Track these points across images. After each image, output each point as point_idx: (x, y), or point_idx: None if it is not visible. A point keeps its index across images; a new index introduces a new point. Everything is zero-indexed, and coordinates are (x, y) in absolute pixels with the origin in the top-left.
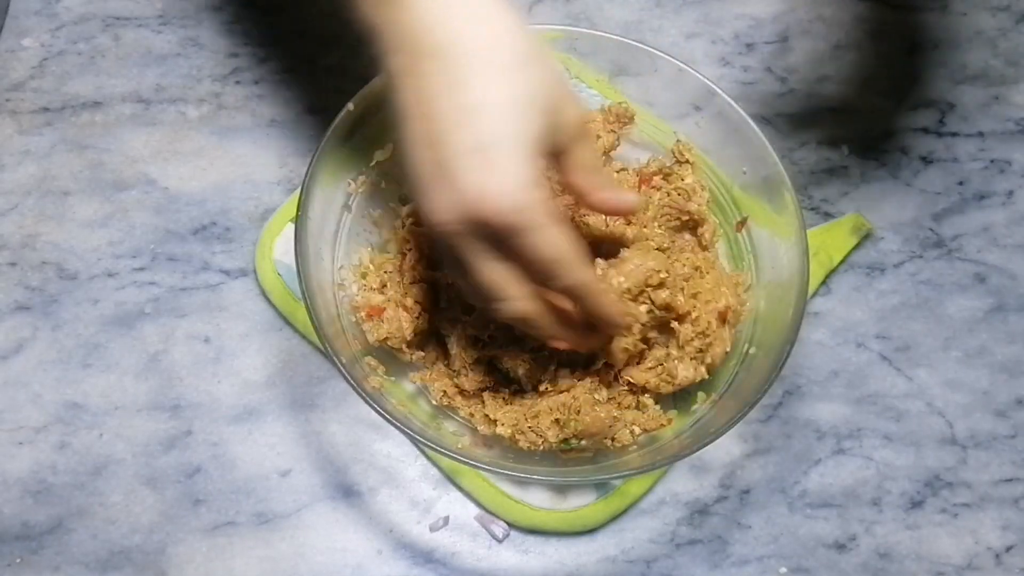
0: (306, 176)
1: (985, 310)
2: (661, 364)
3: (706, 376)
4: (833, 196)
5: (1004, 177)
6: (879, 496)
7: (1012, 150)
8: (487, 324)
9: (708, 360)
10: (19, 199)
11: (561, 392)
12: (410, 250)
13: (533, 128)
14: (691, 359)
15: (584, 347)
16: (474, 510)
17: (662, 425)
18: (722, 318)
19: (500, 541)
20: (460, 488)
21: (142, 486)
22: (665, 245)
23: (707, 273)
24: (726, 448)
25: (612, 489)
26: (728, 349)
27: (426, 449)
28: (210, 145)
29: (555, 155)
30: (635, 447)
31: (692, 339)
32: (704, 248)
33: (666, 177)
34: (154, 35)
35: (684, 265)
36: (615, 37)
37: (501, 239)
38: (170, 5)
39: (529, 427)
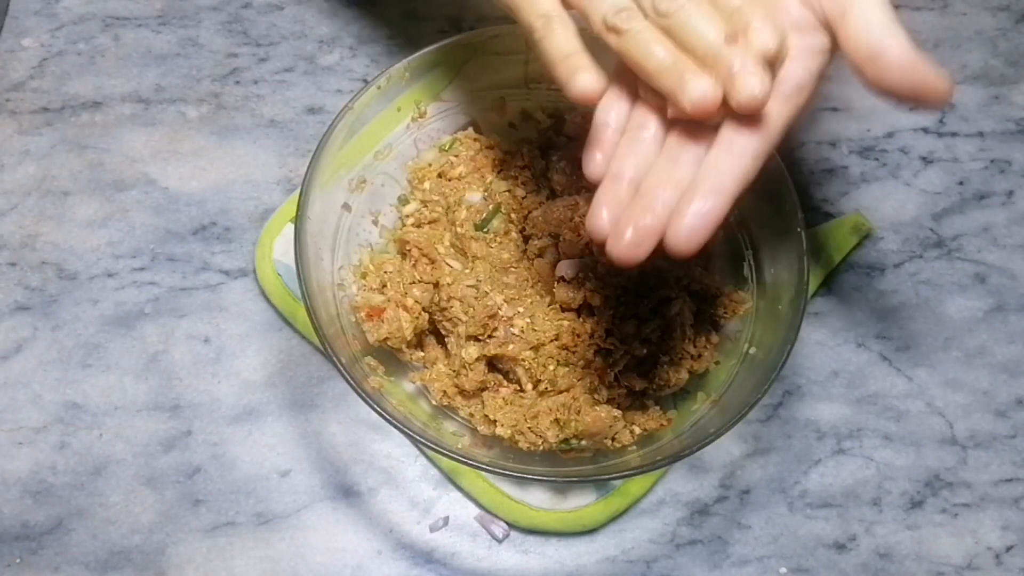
0: (306, 176)
1: (985, 310)
2: (653, 370)
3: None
4: (833, 196)
5: (1004, 177)
6: (879, 496)
7: (1012, 150)
8: (487, 324)
9: (697, 367)
10: (19, 199)
11: (561, 392)
12: (410, 250)
13: None
14: (681, 361)
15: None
16: (474, 510)
17: (662, 425)
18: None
19: (500, 541)
20: (460, 488)
21: (142, 486)
22: None
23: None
24: (726, 448)
25: (612, 489)
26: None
27: (426, 449)
28: (210, 145)
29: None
30: (635, 447)
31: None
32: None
33: None
34: (154, 35)
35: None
36: None
37: None
38: (170, 5)
39: (529, 427)
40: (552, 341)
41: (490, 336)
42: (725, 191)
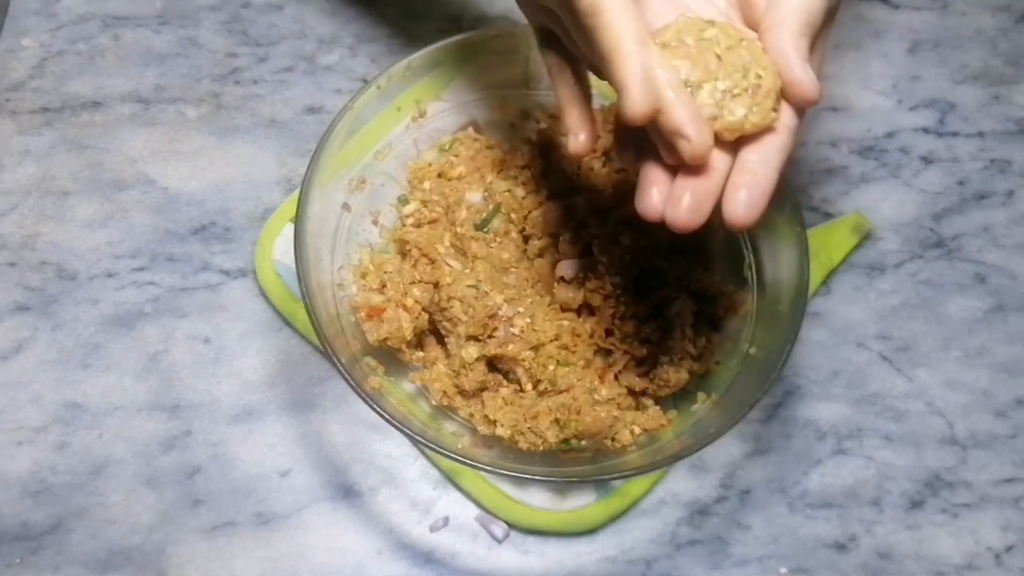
0: (305, 176)
1: (985, 310)
2: (653, 369)
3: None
4: (833, 196)
5: (1004, 177)
6: (879, 496)
7: (1012, 150)
8: (487, 324)
9: (698, 367)
10: (19, 199)
11: (561, 392)
12: (410, 250)
13: None
14: (681, 362)
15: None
16: (474, 510)
17: (662, 425)
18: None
19: (500, 541)
20: (460, 488)
21: (142, 486)
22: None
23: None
24: (726, 448)
25: (612, 489)
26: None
27: (426, 449)
28: (209, 145)
29: None
30: (635, 447)
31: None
32: None
33: None
34: (153, 35)
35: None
36: None
37: None
38: (170, 5)
39: (529, 428)
40: (552, 341)
41: (490, 336)
42: (771, 163)
